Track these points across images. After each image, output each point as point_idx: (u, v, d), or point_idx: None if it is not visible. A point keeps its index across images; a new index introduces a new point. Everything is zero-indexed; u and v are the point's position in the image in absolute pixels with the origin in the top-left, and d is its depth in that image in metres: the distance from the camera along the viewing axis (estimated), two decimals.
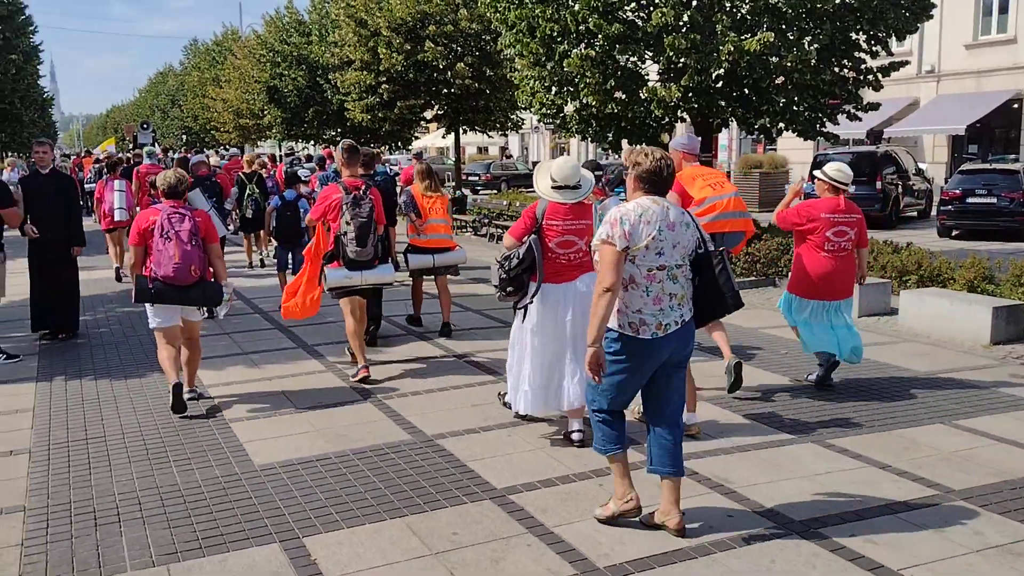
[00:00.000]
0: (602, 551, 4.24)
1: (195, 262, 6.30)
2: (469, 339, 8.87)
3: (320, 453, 5.60)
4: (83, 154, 28.84)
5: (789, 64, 11.93)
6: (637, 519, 4.48)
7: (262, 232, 13.30)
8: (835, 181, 6.73)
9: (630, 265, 4.22)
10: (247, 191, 13.17)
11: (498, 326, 9.51)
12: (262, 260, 14.38)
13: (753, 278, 12.31)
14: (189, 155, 21.06)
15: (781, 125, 13.35)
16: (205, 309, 6.79)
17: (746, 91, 12.86)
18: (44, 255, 9.06)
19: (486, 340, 8.79)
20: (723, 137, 35.55)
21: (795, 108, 12.93)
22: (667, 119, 13.22)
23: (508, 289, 5.56)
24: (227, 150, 34.43)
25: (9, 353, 8.28)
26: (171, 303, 6.41)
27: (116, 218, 12.74)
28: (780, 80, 12.61)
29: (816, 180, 6.92)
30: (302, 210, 10.51)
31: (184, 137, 59.46)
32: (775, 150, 29.20)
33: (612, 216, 4.22)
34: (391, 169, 9.85)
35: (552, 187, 5.57)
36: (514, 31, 13.56)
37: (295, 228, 10.77)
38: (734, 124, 14.97)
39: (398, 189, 9.29)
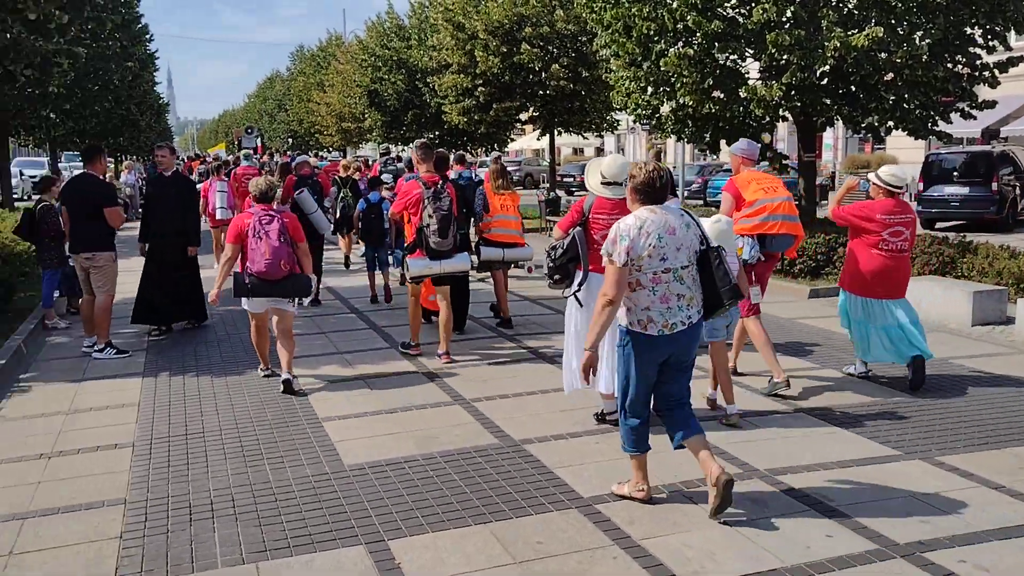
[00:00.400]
0: (691, 568, 4.10)
1: (284, 258, 6.95)
2: (557, 339, 8.77)
3: (408, 455, 5.62)
4: (192, 157, 30.13)
5: (899, 60, 11.42)
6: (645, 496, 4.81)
7: (350, 233, 14.02)
8: (889, 185, 6.86)
9: (636, 271, 4.48)
10: (340, 194, 13.57)
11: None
12: (347, 259, 14.96)
13: None
14: (285, 158, 21.86)
15: (890, 124, 12.80)
16: (296, 301, 7.42)
17: (853, 88, 12.37)
18: (164, 254, 9.48)
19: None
20: (828, 136, 34.44)
21: (905, 106, 12.38)
22: (768, 118, 12.84)
23: (556, 277, 5.93)
24: (328, 152, 35.43)
25: (120, 348, 8.65)
26: (265, 296, 7.13)
27: (218, 216, 13.55)
28: (889, 77, 12.08)
29: (871, 184, 6.99)
30: (385, 211, 10.86)
31: (290, 140, 61.42)
32: (884, 150, 28.08)
33: (613, 233, 4.50)
34: (476, 175, 9.97)
35: (601, 183, 5.92)
36: (610, 31, 13.42)
37: (380, 229, 11.21)
38: (840, 123, 14.44)
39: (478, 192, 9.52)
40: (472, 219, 9.40)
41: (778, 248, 6.99)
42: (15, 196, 24.58)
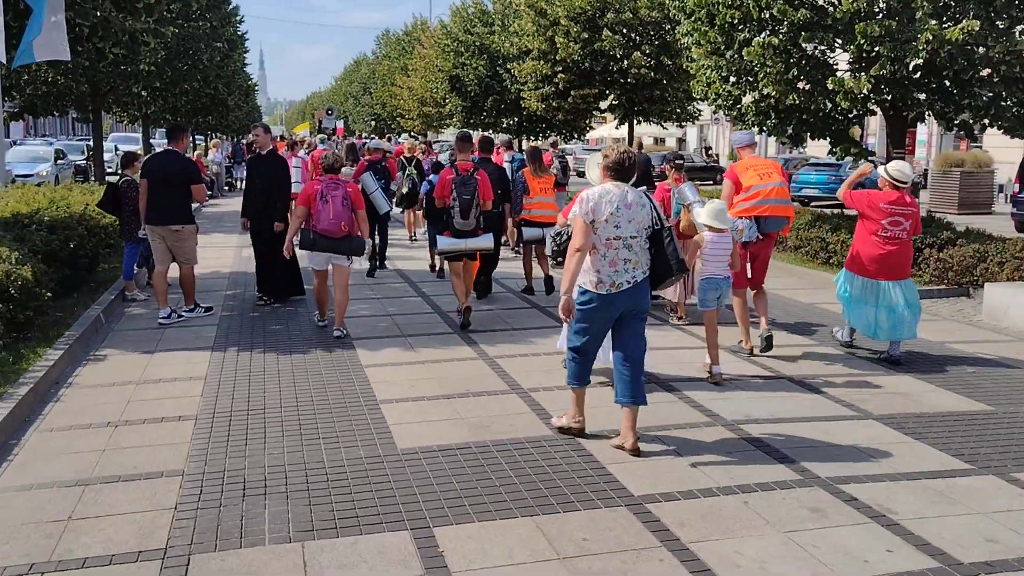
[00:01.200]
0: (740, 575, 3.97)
1: (345, 220, 8.21)
2: None
3: (461, 442, 5.60)
4: (277, 138, 30.97)
5: (996, 55, 10.84)
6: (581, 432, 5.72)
7: (418, 212, 14.78)
8: (895, 180, 7.53)
9: (593, 235, 5.29)
10: (406, 172, 14.07)
11: (656, 323, 9.23)
12: (414, 235, 16.05)
13: (944, 286, 11.33)
14: (356, 141, 23.43)
15: (985, 121, 12.18)
16: (351, 258, 8.62)
17: (946, 83, 11.81)
18: (260, 229, 9.87)
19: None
20: (922, 132, 33.11)
21: (1002, 103, 11.75)
22: (855, 112, 12.37)
23: (559, 259, 6.79)
24: (398, 136, 36.10)
25: (207, 307, 9.46)
26: (326, 251, 8.39)
27: (292, 190, 13.67)
28: (985, 72, 11.48)
29: (880, 176, 7.65)
30: None
31: (373, 123, 62.23)
32: (980, 148, 26.85)
33: (583, 196, 5.37)
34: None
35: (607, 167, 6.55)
36: (692, 19, 13.12)
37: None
38: (933, 118, 13.82)
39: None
40: (507, 201, 10.11)
41: (772, 228, 7.88)
42: (109, 170, 25.60)
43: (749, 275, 7.95)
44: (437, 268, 12.16)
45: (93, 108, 19.97)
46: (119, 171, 11.37)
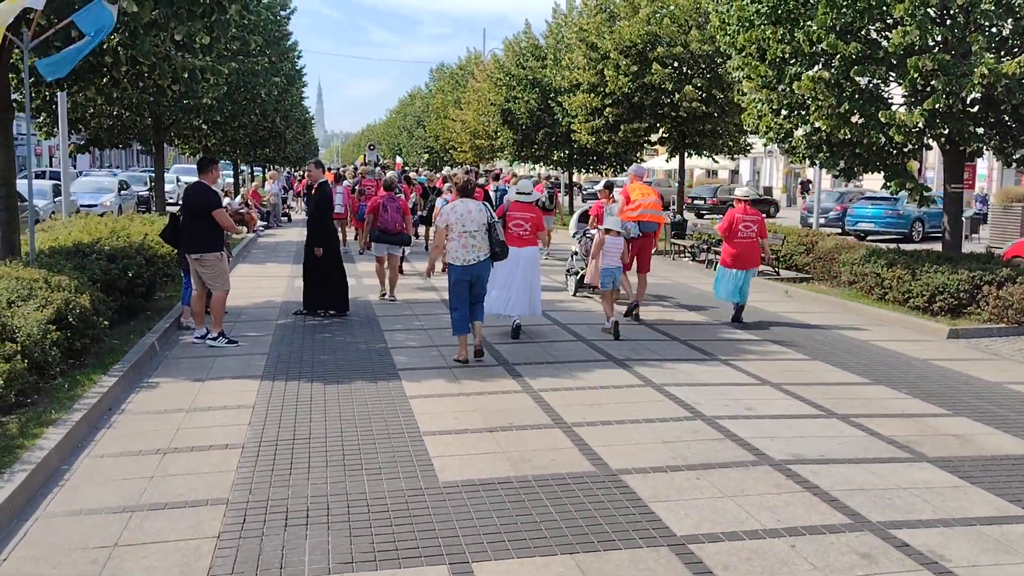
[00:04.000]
0: None
1: (398, 222, 12.45)
2: (670, 367, 8.58)
3: (502, 476, 5.58)
4: (329, 170, 32.33)
5: None
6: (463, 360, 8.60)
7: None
8: (739, 198, 11.87)
9: (450, 231, 8.64)
10: (431, 198, 17.40)
11: (705, 358, 9.13)
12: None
13: (1003, 325, 11.00)
14: (382, 170, 27.42)
15: None
16: (403, 248, 13.10)
17: (1005, 118, 11.54)
18: (309, 253, 11.38)
19: (686, 368, 8.46)
20: (982, 166, 32.38)
21: None
22: (909, 145, 12.16)
23: (496, 251, 8.82)
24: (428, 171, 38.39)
25: (231, 339, 9.52)
26: (385, 243, 12.49)
27: (336, 211, 16.91)
28: None
29: (734, 197, 12.21)
30: None
31: (426, 156, 63.02)
32: None
33: (441, 211, 9.03)
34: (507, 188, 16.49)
35: (517, 193, 10.45)
36: (743, 54, 13.07)
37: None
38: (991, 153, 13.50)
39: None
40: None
41: (648, 229, 11.78)
42: (170, 200, 26.29)
43: (635, 263, 11.64)
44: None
45: (156, 141, 20.58)
46: (179, 202, 11.78)
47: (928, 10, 10.94)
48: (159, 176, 21.55)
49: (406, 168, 40.53)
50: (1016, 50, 11.00)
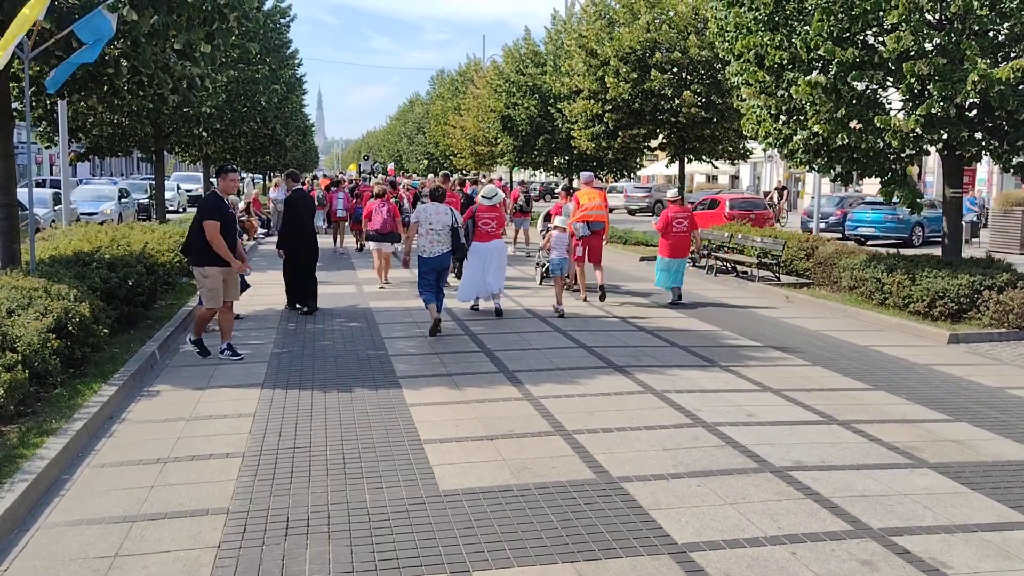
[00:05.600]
0: None
1: (389, 223, 14.70)
2: (671, 373, 8.58)
3: (503, 484, 5.58)
4: (322, 176, 33.49)
5: None
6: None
7: None
8: (671, 199, 14.09)
9: (420, 228, 10.61)
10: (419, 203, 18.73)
11: (705, 364, 9.13)
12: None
13: (1004, 329, 11.00)
14: (377, 178, 29.17)
15: None
16: (396, 246, 14.79)
17: (1003, 123, 11.55)
18: (295, 255, 12.44)
19: (686, 375, 8.46)
20: (982, 171, 32.39)
21: None
22: (906, 150, 12.16)
23: (456, 248, 10.75)
24: (420, 176, 38.95)
25: (207, 350, 9.31)
26: (379, 241, 14.94)
27: (338, 215, 21.14)
28: None
29: (667, 199, 14.47)
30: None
31: (426, 162, 63.08)
32: None
33: (414, 212, 11.84)
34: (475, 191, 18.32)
35: (483, 197, 12.04)
36: (741, 61, 13.10)
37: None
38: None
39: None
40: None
41: (595, 228, 13.29)
42: (171, 208, 26.37)
43: (585, 256, 13.42)
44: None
45: (156, 149, 20.65)
46: (185, 209, 11.81)
47: (923, 16, 10.95)
48: (159, 184, 21.61)
49: (397, 175, 41.43)
50: (1012, 55, 11.00)
